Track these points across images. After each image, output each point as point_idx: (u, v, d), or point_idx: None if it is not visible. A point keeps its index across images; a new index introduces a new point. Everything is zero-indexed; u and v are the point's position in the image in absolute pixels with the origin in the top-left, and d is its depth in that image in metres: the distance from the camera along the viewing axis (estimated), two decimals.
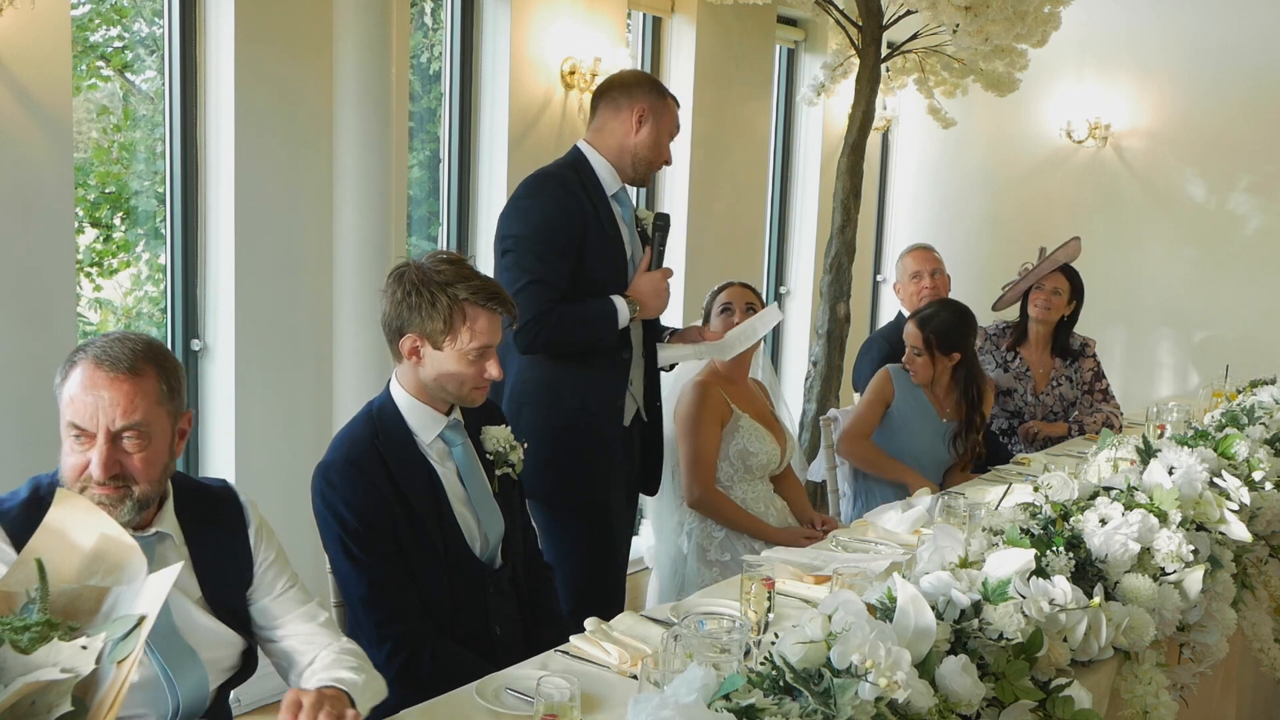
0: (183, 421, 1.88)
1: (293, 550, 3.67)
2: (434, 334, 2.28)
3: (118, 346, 1.79)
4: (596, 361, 2.94)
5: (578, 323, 2.87)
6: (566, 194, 2.91)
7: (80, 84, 3.70)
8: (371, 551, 2.25)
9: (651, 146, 2.99)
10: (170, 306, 3.76)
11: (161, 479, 1.84)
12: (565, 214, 2.88)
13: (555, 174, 2.97)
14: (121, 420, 1.76)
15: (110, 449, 1.76)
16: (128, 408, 1.76)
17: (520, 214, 2.92)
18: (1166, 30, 6.33)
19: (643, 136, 2.97)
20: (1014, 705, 1.70)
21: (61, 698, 1.24)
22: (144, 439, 1.78)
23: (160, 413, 1.81)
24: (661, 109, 2.99)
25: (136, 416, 1.76)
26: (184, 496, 1.94)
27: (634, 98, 2.97)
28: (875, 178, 6.87)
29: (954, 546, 1.95)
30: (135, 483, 1.79)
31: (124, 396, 1.76)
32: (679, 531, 3.44)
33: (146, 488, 1.80)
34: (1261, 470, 2.71)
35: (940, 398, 3.84)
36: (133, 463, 1.78)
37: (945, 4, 4.24)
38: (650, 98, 2.98)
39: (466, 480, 2.38)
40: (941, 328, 3.80)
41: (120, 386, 1.76)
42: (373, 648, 2.28)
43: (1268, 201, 6.28)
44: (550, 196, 2.91)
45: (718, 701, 1.40)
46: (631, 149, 2.98)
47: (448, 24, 4.55)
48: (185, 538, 1.91)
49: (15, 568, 1.44)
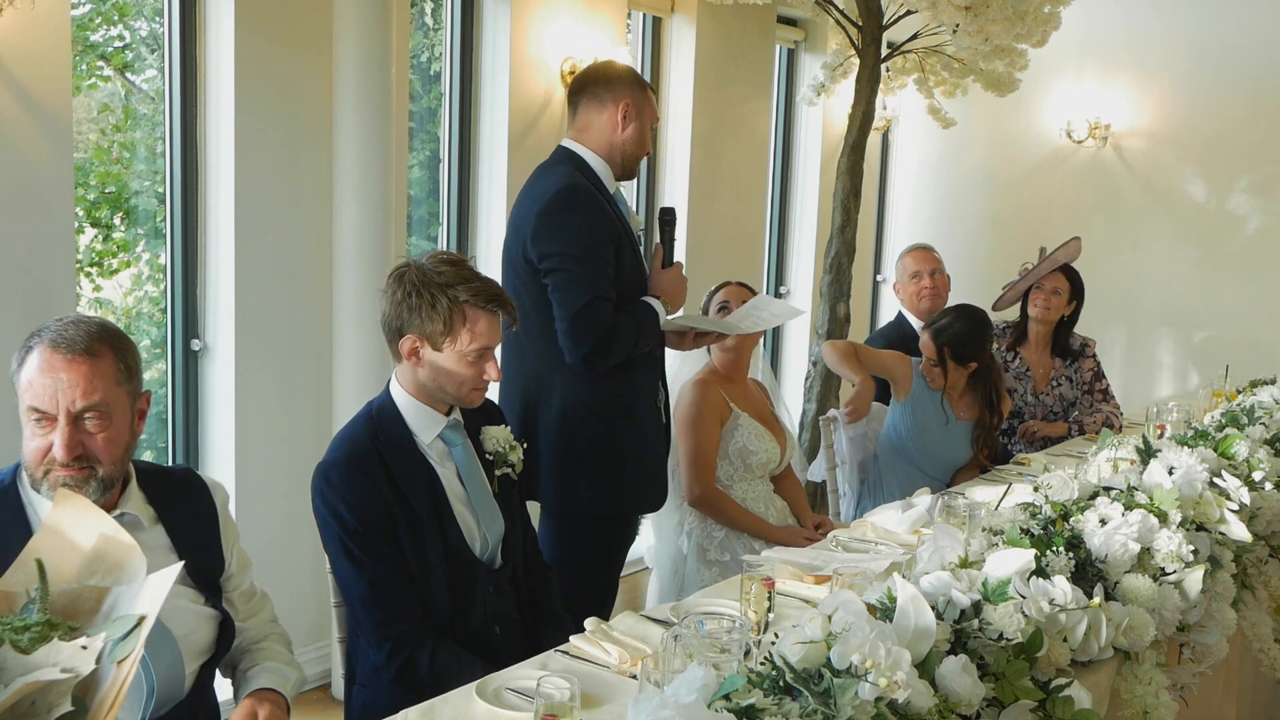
0: (141, 401, 1.91)
1: (293, 550, 3.67)
2: (434, 335, 2.28)
3: (72, 329, 1.81)
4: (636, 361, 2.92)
5: (634, 330, 2.83)
6: (599, 204, 2.86)
7: (80, 84, 3.70)
8: (371, 552, 2.25)
9: (637, 141, 2.94)
10: (170, 306, 3.76)
11: (124, 459, 1.87)
12: (605, 225, 2.83)
13: (578, 184, 2.86)
14: (82, 401, 1.79)
15: (72, 430, 1.79)
16: (87, 389, 1.79)
17: (562, 230, 2.79)
18: (1166, 30, 6.33)
19: (629, 133, 2.92)
20: (1014, 705, 1.70)
21: (61, 698, 1.24)
22: (105, 419, 1.81)
23: (120, 393, 1.84)
24: (643, 101, 2.94)
25: (96, 397, 1.79)
26: (147, 479, 1.97)
27: (617, 93, 2.91)
28: (875, 178, 6.87)
29: (954, 546, 1.94)
30: (99, 463, 1.82)
31: (83, 378, 1.78)
32: (679, 531, 3.44)
33: (110, 468, 1.83)
34: (1261, 470, 2.71)
35: (955, 399, 3.83)
36: (95, 443, 1.81)
37: (945, 4, 4.24)
38: (632, 91, 2.92)
39: (466, 480, 2.38)
40: (956, 339, 3.74)
41: (78, 368, 1.78)
42: (372, 648, 2.29)
43: (1268, 202, 6.28)
44: (587, 209, 2.82)
45: (718, 701, 1.40)
46: (620, 145, 2.93)
47: (448, 24, 4.55)
48: (154, 517, 1.94)
49: (15, 568, 1.44)
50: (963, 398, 3.83)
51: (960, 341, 3.74)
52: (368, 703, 2.34)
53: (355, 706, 2.39)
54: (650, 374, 2.99)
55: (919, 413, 3.82)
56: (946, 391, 3.82)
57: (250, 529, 3.63)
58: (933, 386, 3.81)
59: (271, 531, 3.71)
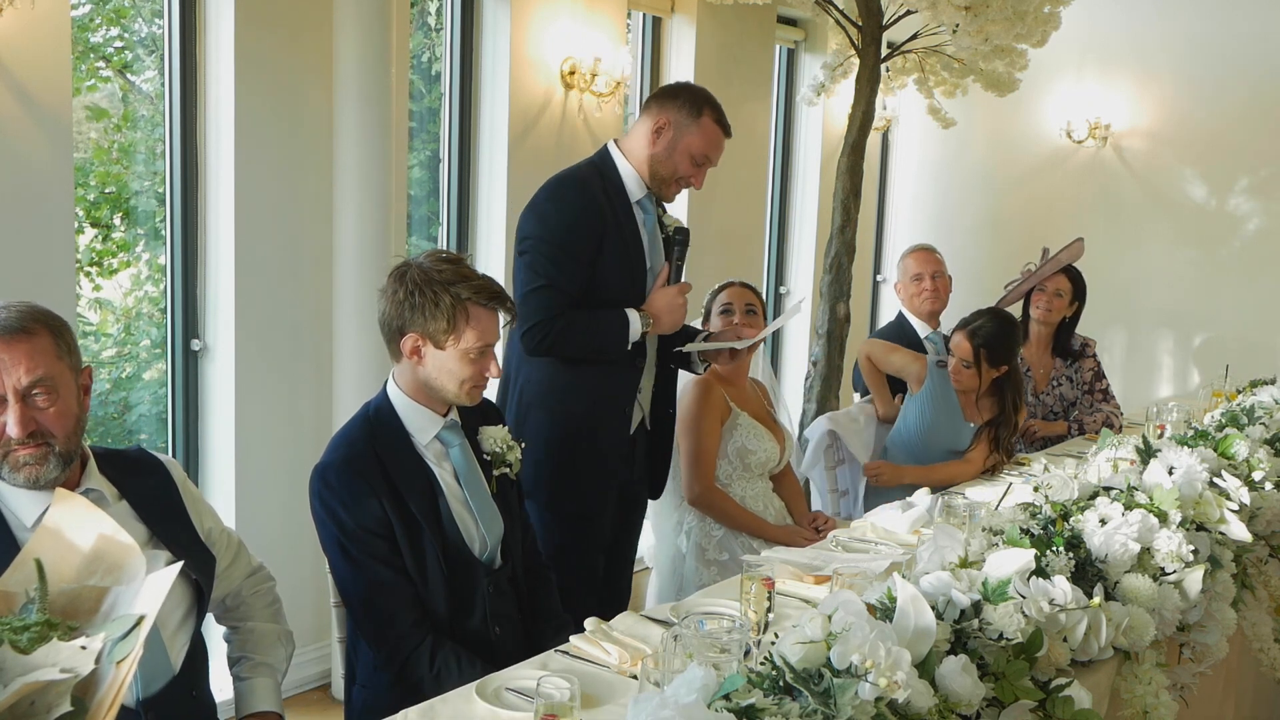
0: (84, 377, 1.95)
1: (293, 550, 3.67)
2: (436, 334, 2.28)
3: (4, 314, 1.85)
4: (610, 366, 2.93)
5: (584, 332, 2.85)
6: (585, 199, 2.87)
7: (80, 84, 3.70)
8: (368, 553, 2.25)
9: (666, 162, 2.90)
10: (170, 306, 3.76)
11: (76, 432, 1.90)
12: (582, 219, 2.85)
13: (578, 177, 2.91)
14: (26, 377, 1.82)
15: (23, 407, 1.82)
16: (30, 365, 1.82)
17: (539, 217, 2.89)
18: (1167, 31, 6.33)
19: (659, 149, 2.90)
20: (1014, 705, 1.69)
21: (61, 698, 1.24)
22: (52, 393, 1.85)
23: (61, 367, 1.87)
24: (689, 127, 2.88)
25: (40, 372, 1.83)
26: (104, 460, 2.01)
27: (664, 108, 2.90)
28: (875, 178, 6.87)
29: (954, 546, 1.94)
30: (54, 438, 1.85)
31: (23, 355, 1.82)
32: (678, 531, 3.45)
33: (65, 442, 1.87)
34: (1261, 470, 2.71)
35: (972, 402, 3.81)
36: (47, 418, 1.84)
37: (945, 4, 4.23)
38: (679, 113, 2.88)
39: (464, 481, 2.38)
40: (991, 339, 3.69)
41: (18, 347, 1.82)
42: (371, 649, 2.29)
43: (1268, 202, 6.28)
44: (568, 201, 2.87)
45: (718, 701, 1.40)
46: (649, 160, 2.91)
47: (448, 24, 4.55)
48: (116, 494, 1.98)
49: (15, 568, 1.44)
50: (980, 401, 3.81)
51: (995, 342, 3.69)
52: (367, 703, 2.34)
53: (355, 707, 2.39)
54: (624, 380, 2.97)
55: (934, 410, 3.81)
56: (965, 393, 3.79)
57: (250, 529, 3.64)
58: (963, 388, 3.76)
59: (271, 531, 3.71)
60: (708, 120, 2.91)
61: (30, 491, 1.85)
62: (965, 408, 3.80)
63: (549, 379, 2.92)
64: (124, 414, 3.96)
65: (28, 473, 1.83)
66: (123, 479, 2.01)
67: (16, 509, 1.86)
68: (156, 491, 2.06)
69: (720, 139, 2.94)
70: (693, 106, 2.90)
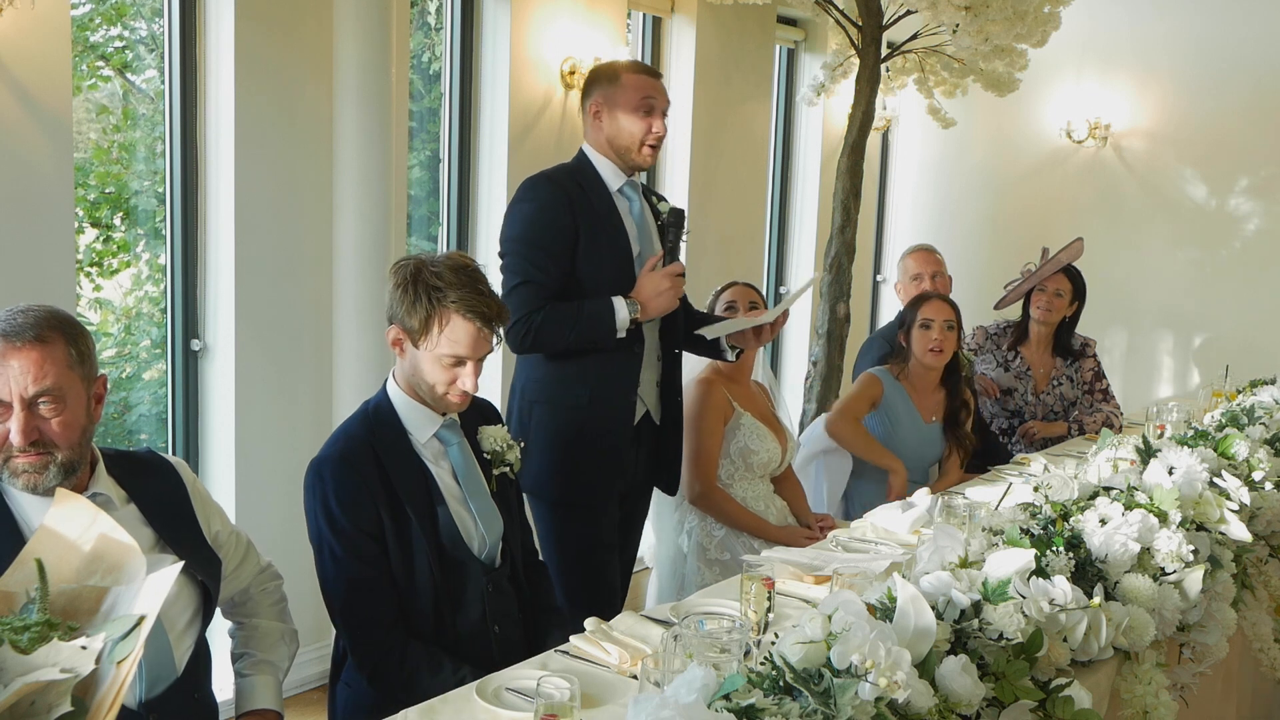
0: (98, 386, 1.93)
1: (293, 550, 3.67)
2: (412, 330, 2.29)
3: (20, 318, 1.83)
4: (608, 354, 2.93)
5: (564, 323, 2.85)
6: (557, 196, 2.90)
7: (80, 84, 3.70)
8: (353, 552, 2.25)
9: (618, 134, 2.95)
10: (170, 306, 3.76)
11: (82, 443, 1.88)
12: (555, 216, 2.88)
13: (546, 175, 2.97)
14: (34, 387, 1.80)
15: (27, 416, 1.81)
16: (38, 374, 1.80)
17: (512, 217, 2.95)
18: (1167, 30, 6.33)
19: (607, 127, 2.95)
20: (1014, 705, 1.69)
21: (61, 698, 1.24)
22: (59, 404, 1.83)
23: (72, 377, 1.85)
24: (615, 92, 2.94)
25: (48, 382, 1.81)
26: (114, 462, 2.00)
27: (590, 95, 2.98)
28: (875, 178, 6.87)
29: (954, 546, 1.94)
30: (56, 448, 1.84)
31: (33, 364, 1.80)
32: (679, 530, 3.45)
33: (68, 453, 1.85)
34: (1261, 470, 2.71)
35: (924, 400, 3.84)
36: (51, 428, 1.83)
37: (945, 4, 4.24)
38: (602, 89, 2.95)
39: (463, 480, 2.37)
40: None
41: (28, 354, 1.80)
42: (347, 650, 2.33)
43: (1268, 203, 6.28)
44: (540, 199, 2.91)
45: (718, 701, 1.40)
46: (607, 142, 2.97)
47: (448, 24, 4.55)
48: (125, 498, 1.97)
49: (15, 568, 1.44)
50: (932, 396, 3.85)
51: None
52: (350, 701, 2.35)
53: (338, 704, 2.40)
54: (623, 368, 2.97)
55: (889, 411, 3.84)
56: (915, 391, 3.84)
57: (250, 529, 3.61)
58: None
59: (271, 531, 3.70)
60: (626, 75, 2.96)
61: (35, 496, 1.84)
62: (920, 410, 3.83)
63: (550, 374, 2.95)
64: (124, 414, 3.96)
65: (26, 480, 1.83)
66: (132, 481, 2.01)
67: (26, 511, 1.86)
68: (165, 495, 2.05)
69: (647, 81, 2.98)
70: (609, 76, 2.97)
